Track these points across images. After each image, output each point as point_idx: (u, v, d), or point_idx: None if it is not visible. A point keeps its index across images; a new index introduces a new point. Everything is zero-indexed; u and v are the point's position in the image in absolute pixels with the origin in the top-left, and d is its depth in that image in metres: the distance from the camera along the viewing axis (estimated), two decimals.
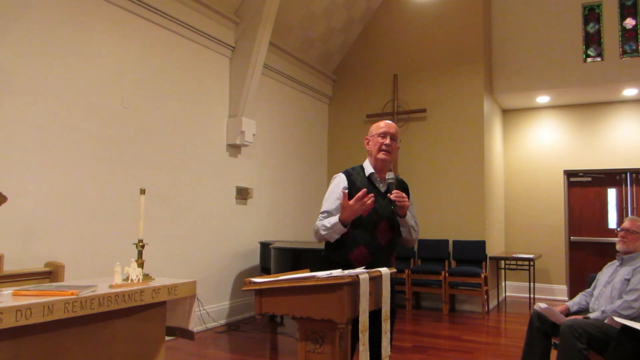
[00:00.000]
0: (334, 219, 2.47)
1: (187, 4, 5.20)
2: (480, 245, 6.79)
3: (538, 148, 8.20)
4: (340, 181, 2.62)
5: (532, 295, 7.14)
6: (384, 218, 2.58)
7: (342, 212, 2.43)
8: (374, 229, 2.55)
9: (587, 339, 2.90)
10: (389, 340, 2.33)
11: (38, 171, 3.81)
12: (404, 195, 2.57)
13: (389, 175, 2.63)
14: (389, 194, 2.55)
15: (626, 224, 3.37)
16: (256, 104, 6.10)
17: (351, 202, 2.39)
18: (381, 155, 2.60)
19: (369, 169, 2.66)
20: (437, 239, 7.06)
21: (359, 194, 2.39)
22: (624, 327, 2.75)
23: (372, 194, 2.44)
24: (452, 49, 7.23)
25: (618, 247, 3.39)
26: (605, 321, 2.98)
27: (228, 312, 5.77)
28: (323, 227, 2.50)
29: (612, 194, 7.80)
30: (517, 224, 8.25)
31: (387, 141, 2.59)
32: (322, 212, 2.59)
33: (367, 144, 2.69)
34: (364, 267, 2.40)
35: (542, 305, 3.28)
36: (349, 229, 2.50)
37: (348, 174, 2.64)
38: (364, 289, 2.04)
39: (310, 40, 7.21)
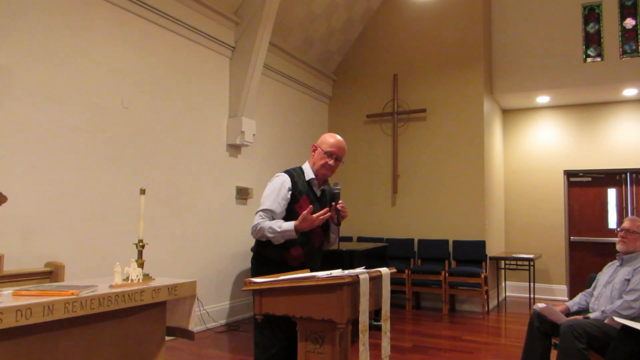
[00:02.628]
0: (287, 225, 2.50)
1: (187, 4, 5.20)
2: (480, 245, 6.78)
3: (538, 148, 8.20)
4: (284, 181, 2.62)
5: (532, 295, 7.14)
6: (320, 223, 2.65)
7: (302, 223, 2.47)
8: (310, 231, 2.61)
9: (587, 339, 2.90)
10: (389, 340, 2.33)
11: (38, 171, 3.81)
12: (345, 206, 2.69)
13: (337, 186, 2.71)
14: (334, 203, 2.63)
15: (626, 224, 3.37)
16: (256, 104, 6.10)
17: (314, 216, 2.46)
18: (323, 171, 2.69)
19: (309, 174, 2.71)
20: (437, 239, 7.06)
21: (322, 212, 2.50)
22: (624, 327, 2.75)
23: (328, 211, 2.53)
24: (452, 49, 7.23)
25: (618, 247, 3.38)
26: (605, 321, 2.98)
27: (228, 312, 5.77)
28: (270, 230, 2.52)
29: (612, 194, 7.80)
30: (517, 224, 8.25)
31: (331, 162, 2.67)
32: (264, 210, 2.59)
33: (314, 151, 2.74)
34: (298, 266, 2.58)
35: (541, 305, 3.28)
36: None
37: (291, 175, 2.66)
38: (364, 289, 2.04)
39: (310, 40, 7.21)
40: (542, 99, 7.80)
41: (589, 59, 7.19)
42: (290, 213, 2.59)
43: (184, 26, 5.22)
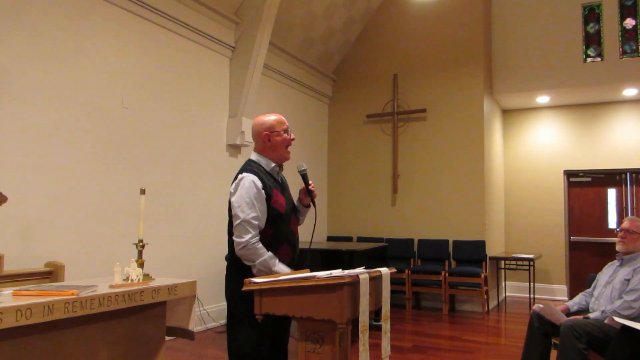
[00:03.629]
0: (281, 269, 2.36)
1: (187, 4, 5.20)
2: (480, 245, 6.78)
3: (538, 148, 8.20)
4: (254, 181, 2.40)
5: (532, 295, 7.14)
6: (292, 211, 2.60)
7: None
8: (289, 223, 2.54)
9: (587, 339, 2.90)
10: (389, 339, 2.32)
11: (38, 171, 3.81)
12: None
13: (303, 167, 2.63)
14: (309, 186, 2.59)
15: (625, 224, 3.37)
16: (256, 104, 6.10)
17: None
18: (286, 154, 2.58)
19: (268, 163, 2.54)
20: (437, 239, 7.06)
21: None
22: (624, 327, 2.75)
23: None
24: (452, 49, 7.23)
25: (618, 247, 3.38)
26: (605, 321, 2.98)
27: None
28: (262, 265, 2.32)
29: (612, 194, 7.80)
30: (517, 224, 8.25)
31: (292, 136, 2.61)
32: (250, 222, 2.34)
33: (267, 139, 2.52)
34: (288, 264, 2.46)
35: (540, 305, 3.28)
36: (269, 229, 2.42)
37: (256, 174, 2.44)
38: (364, 289, 2.04)
39: (310, 40, 7.21)
40: (542, 99, 7.80)
41: (589, 59, 7.19)
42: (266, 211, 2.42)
43: (184, 26, 5.22)
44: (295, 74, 7.18)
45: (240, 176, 2.45)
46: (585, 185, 7.96)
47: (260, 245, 2.36)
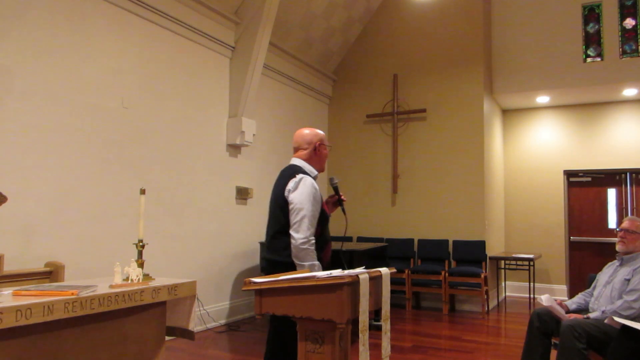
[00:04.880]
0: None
1: (187, 4, 5.20)
2: (480, 245, 6.78)
3: (538, 148, 8.20)
4: (313, 184, 2.58)
5: (532, 295, 7.14)
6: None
7: None
8: (328, 226, 2.75)
9: (587, 339, 2.90)
10: (389, 339, 2.33)
11: (38, 171, 3.81)
12: None
13: (335, 180, 2.93)
14: (337, 196, 2.83)
15: (625, 224, 3.37)
16: (256, 104, 6.10)
17: None
18: (324, 165, 2.81)
19: (312, 171, 2.71)
20: (437, 239, 7.06)
21: None
22: (624, 327, 2.75)
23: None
24: (452, 49, 7.23)
25: (618, 247, 3.38)
26: (605, 321, 2.98)
27: (228, 312, 5.77)
28: (311, 266, 2.45)
29: (612, 194, 7.80)
30: (517, 224, 8.25)
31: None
32: (312, 218, 2.49)
33: (315, 149, 2.72)
34: (327, 264, 2.62)
35: (544, 297, 3.27)
36: (319, 229, 2.58)
37: (310, 177, 2.63)
38: (364, 289, 2.04)
39: (310, 40, 7.21)
40: (542, 99, 7.80)
41: (589, 59, 7.19)
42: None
43: (184, 26, 5.22)
44: (295, 74, 7.18)
45: (299, 176, 2.57)
46: (585, 185, 7.96)
47: (314, 248, 2.49)
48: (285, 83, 7.06)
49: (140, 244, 2.79)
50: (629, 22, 7.03)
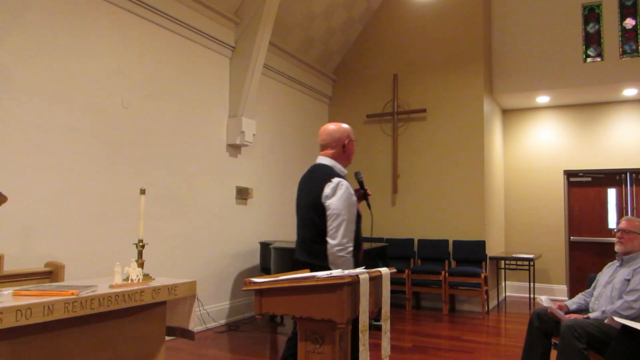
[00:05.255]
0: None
1: (187, 4, 5.20)
2: (480, 245, 6.78)
3: (538, 148, 8.20)
4: (350, 189, 2.55)
5: (532, 295, 7.14)
6: None
7: None
8: (359, 227, 2.69)
9: (587, 339, 2.90)
10: (389, 339, 2.33)
11: (38, 171, 3.81)
12: None
13: (360, 175, 2.90)
14: (362, 190, 2.82)
15: (622, 224, 3.38)
16: (256, 104, 6.10)
17: None
18: (351, 159, 2.77)
19: (342, 170, 2.69)
20: (437, 239, 7.06)
21: None
22: (624, 327, 2.75)
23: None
24: (452, 49, 7.23)
25: (616, 248, 3.38)
26: (605, 321, 2.98)
27: (228, 312, 5.77)
28: (345, 264, 2.43)
29: (612, 194, 7.80)
30: (517, 224, 8.25)
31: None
32: (351, 223, 2.48)
33: (343, 145, 2.69)
34: (360, 263, 2.59)
35: (544, 297, 3.27)
36: (355, 232, 2.57)
37: (344, 178, 2.61)
38: (364, 289, 2.04)
39: (310, 40, 7.21)
40: (542, 99, 7.80)
41: (589, 59, 7.19)
42: None
43: (184, 26, 5.22)
44: (295, 74, 7.18)
45: (336, 180, 2.52)
46: (585, 185, 7.96)
47: (351, 254, 2.47)
48: (285, 83, 7.06)
49: (140, 244, 2.79)
50: (629, 22, 7.03)
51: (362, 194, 2.82)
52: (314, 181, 2.58)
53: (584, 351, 2.89)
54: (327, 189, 2.49)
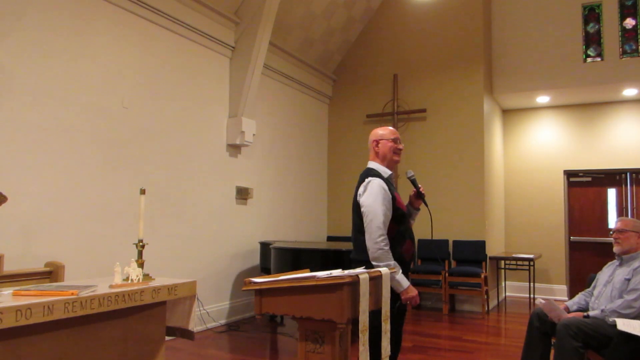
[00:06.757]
0: (401, 279, 2.62)
1: (187, 4, 5.20)
2: (480, 245, 6.78)
3: (538, 148, 8.20)
4: (381, 184, 2.66)
5: (532, 295, 7.14)
6: (408, 213, 2.89)
7: (407, 296, 2.63)
8: (408, 223, 2.83)
9: (583, 338, 2.92)
10: (389, 340, 2.32)
11: (38, 171, 3.81)
12: None
13: (411, 174, 2.95)
14: (420, 189, 2.90)
15: (617, 225, 3.41)
16: (256, 104, 6.10)
17: (415, 293, 2.64)
18: (395, 158, 2.84)
19: (385, 170, 2.80)
20: (437, 239, 7.06)
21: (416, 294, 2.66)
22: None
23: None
24: (452, 49, 7.23)
25: (614, 249, 3.40)
26: (610, 320, 2.99)
27: (228, 312, 5.77)
28: (389, 267, 2.49)
29: (612, 194, 7.80)
30: (517, 224, 8.25)
31: (401, 146, 2.85)
32: (382, 220, 2.60)
33: (376, 146, 2.82)
34: (410, 258, 2.77)
35: (542, 301, 3.28)
36: (395, 227, 2.68)
37: (380, 177, 2.72)
38: (364, 289, 2.04)
39: (310, 40, 7.21)
40: (542, 99, 7.80)
41: (589, 59, 7.19)
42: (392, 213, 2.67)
43: (184, 26, 5.22)
44: (295, 74, 7.18)
45: (367, 179, 2.71)
46: (585, 185, 7.96)
47: (389, 247, 2.60)
48: (285, 83, 7.06)
49: (140, 244, 2.79)
50: (629, 22, 7.03)
51: (416, 193, 2.92)
52: (358, 184, 2.80)
53: (580, 349, 2.90)
54: (361, 189, 2.73)
